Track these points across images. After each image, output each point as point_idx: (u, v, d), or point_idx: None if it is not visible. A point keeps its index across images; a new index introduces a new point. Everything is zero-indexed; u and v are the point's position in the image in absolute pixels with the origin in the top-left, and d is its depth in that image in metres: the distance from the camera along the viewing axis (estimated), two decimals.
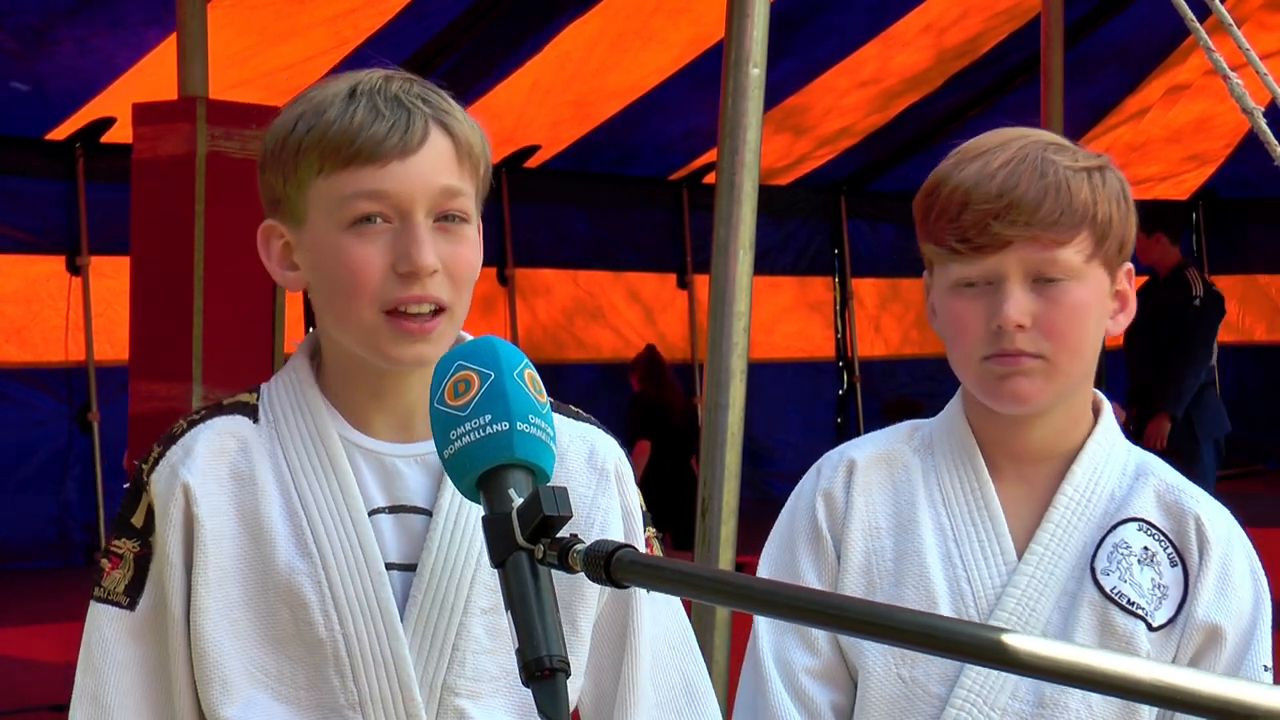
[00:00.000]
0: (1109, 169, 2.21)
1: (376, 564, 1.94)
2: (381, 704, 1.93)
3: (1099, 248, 2.16)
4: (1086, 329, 2.17)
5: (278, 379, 2.05)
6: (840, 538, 2.26)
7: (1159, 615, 2.17)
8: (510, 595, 1.49)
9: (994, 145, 2.19)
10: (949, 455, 2.26)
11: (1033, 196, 2.12)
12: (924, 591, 2.20)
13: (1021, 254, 2.13)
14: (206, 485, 1.98)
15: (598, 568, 1.44)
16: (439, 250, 1.93)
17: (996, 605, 2.18)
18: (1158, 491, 2.22)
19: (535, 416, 1.60)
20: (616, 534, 2.03)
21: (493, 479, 1.58)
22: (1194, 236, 16.92)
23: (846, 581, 2.25)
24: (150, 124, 5.41)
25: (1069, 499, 2.20)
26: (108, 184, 10.06)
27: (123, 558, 2.00)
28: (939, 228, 2.17)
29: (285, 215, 2.00)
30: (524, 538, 1.50)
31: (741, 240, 3.32)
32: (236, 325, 5.34)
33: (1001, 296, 2.13)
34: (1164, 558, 2.19)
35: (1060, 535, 2.19)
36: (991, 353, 2.15)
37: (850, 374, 14.66)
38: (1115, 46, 12.52)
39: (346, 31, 9.61)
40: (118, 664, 1.99)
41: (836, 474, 2.29)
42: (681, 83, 11.38)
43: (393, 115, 1.93)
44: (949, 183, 2.17)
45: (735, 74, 3.35)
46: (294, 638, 1.95)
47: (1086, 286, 2.16)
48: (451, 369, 1.63)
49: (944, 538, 2.22)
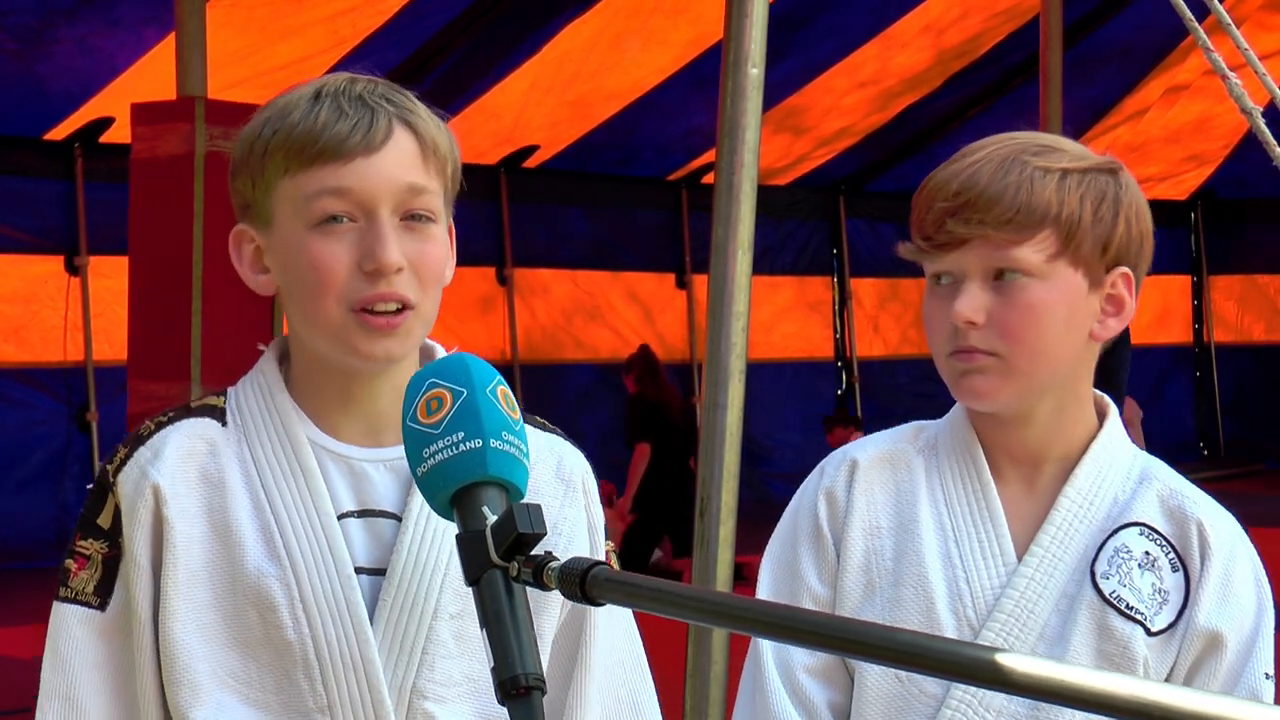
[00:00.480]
0: (1098, 173, 2.20)
1: (345, 567, 1.93)
2: (350, 707, 1.92)
3: (1065, 246, 2.15)
4: (1044, 328, 2.16)
5: (245, 382, 2.05)
6: (841, 537, 2.27)
7: (1159, 620, 2.17)
8: (485, 613, 1.49)
9: (981, 146, 2.20)
10: (952, 456, 2.26)
11: (989, 195, 2.13)
12: (922, 591, 2.20)
13: (979, 251, 2.14)
14: (176, 487, 1.97)
15: (573, 585, 1.43)
16: (405, 248, 1.93)
17: (995, 607, 2.18)
18: (1161, 496, 2.22)
19: (508, 433, 1.60)
20: (582, 546, 2.04)
21: (466, 496, 1.57)
22: (1192, 236, 16.93)
23: (846, 581, 2.25)
24: (149, 124, 5.41)
25: (1071, 502, 2.20)
26: (106, 184, 10.05)
27: (90, 558, 1.99)
28: (914, 225, 2.20)
29: (255, 219, 2.00)
30: (498, 555, 1.50)
31: (740, 240, 3.32)
32: (235, 325, 5.34)
33: (958, 294, 2.15)
34: (1165, 563, 2.19)
35: (1061, 538, 2.19)
36: (954, 349, 2.17)
37: (849, 374, 14.66)
38: (1114, 46, 12.53)
39: (345, 31, 9.61)
40: (90, 664, 1.98)
41: (839, 473, 2.30)
42: (680, 83, 11.38)
43: (356, 114, 1.93)
44: (930, 182, 2.19)
45: (734, 74, 3.35)
46: (262, 641, 1.94)
47: (1049, 286, 2.15)
48: (424, 387, 1.63)
49: (944, 538, 2.23)
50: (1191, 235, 16.93)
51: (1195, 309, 17.11)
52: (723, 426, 3.32)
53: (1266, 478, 15.88)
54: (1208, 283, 17.05)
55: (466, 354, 1.65)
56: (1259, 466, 16.28)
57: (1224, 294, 17.11)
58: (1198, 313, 17.11)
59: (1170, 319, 16.95)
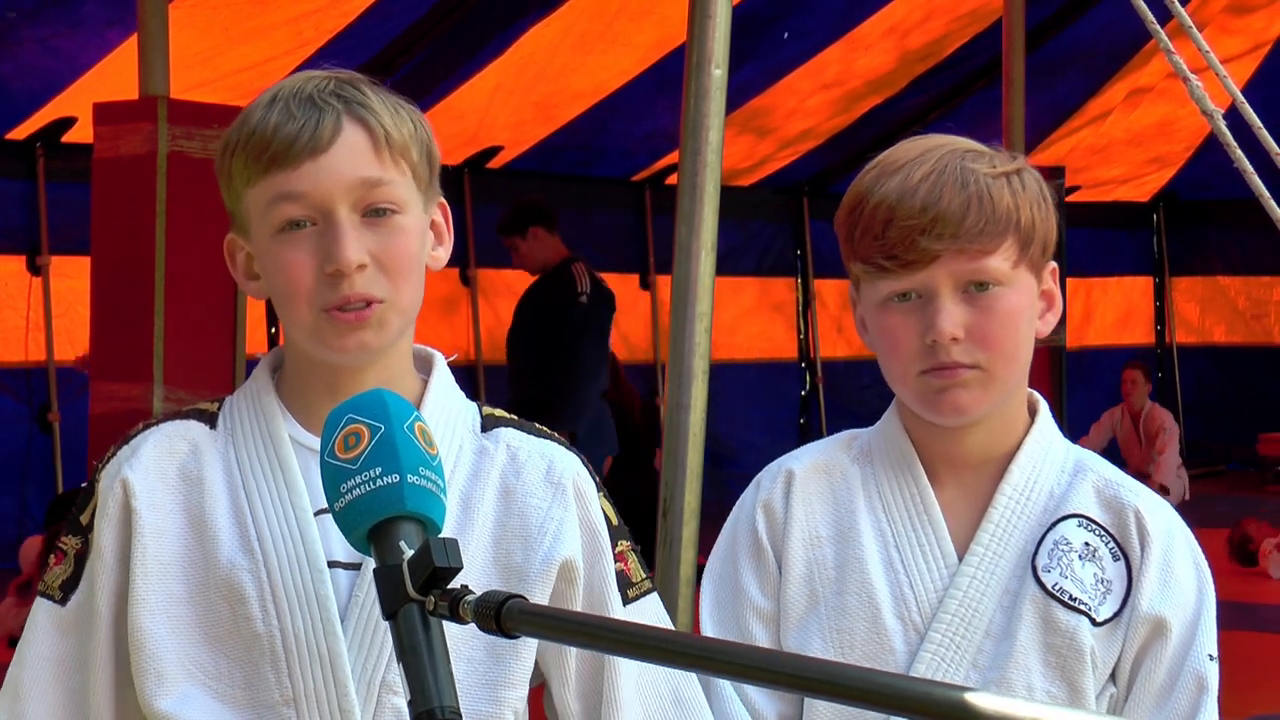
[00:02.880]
0: (1026, 171, 2.22)
1: (318, 561, 1.94)
2: (316, 700, 1.93)
3: (1024, 252, 2.17)
4: (1019, 334, 2.18)
5: (241, 390, 2.09)
6: (781, 549, 2.27)
7: (1103, 610, 2.18)
8: (401, 646, 1.51)
9: (913, 157, 2.18)
10: (887, 464, 2.27)
11: (956, 209, 2.13)
12: (866, 598, 2.21)
13: (950, 267, 2.13)
14: (149, 481, 1.99)
15: (488, 618, 1.45)
16: (367, 244, 1.94)
17: (939, 608, 2.18)
18: (1096, 487, 2.23)
19: (425, 469, 1.62)
20: (571, 548, 2.05)
21: (384, 531, 1.59)
22: (1154, 238, 17.00)
23: (789, 592, 2.26)
24: (111, 123, 5.39)
25: (1008, 499, 2.21)
26: (68, 184, 10.00)
27: (66, 554, 2.03)
28: (865, 245, 2.18)
29: (238, 228, 2.02)
30: (415, 589, 1.51)
31: (703, 241, 3.33)
32: (198, 326, 5.32)
33: (934, 310, 2.14)
34: (1106, 552, 2.20)
35: (1000, 535, 2.20)
36: (928, 366, 2.16)
37: (813, 375, 14.67)
38: (1077, 50, 12.57)
39: (308, 33, 9.58)
40: (39, 656, 2.01)
41: (775, 485, 2.31)
42: (644, 85, 11.38)
43: (303, 115, 1.94)
44: (871, 199, 2.17)
45: (697, 75, 3.35)
46: (232, 634, 1.96)
47: (1017, 291, 2.17)
48: (341, 422, 1.64)
49: (885, 544, 2.23)
50: (1154, 237, 16.99)
51: (1157, 310, 17.18)
52: (686, 427, 3.33)
53: (1228, 479, 15.96)
54: (1169, 284, 17.12)
55: (385, 390, 1.67)
56: (1220, 468, 16.35)
57: (1186, 295, 17.18)
58: (1159, 314, 17.18)
59: (1132, 320, 17.01)
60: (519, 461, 2.06)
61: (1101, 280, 16.45)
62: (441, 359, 2.12)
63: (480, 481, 2.04)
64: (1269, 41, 13.05)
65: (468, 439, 2.07)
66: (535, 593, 2.02)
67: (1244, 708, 7.59)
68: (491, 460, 2.06)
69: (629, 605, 2.08)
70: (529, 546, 2.03)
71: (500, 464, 2.06)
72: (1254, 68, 13.07)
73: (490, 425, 2.09)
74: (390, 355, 2.02)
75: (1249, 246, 15.91)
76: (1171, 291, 17.13)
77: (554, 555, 2.03)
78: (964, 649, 2.18)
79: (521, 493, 2.04)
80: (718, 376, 3.80)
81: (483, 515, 2.03)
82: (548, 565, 2.02)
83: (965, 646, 2.18)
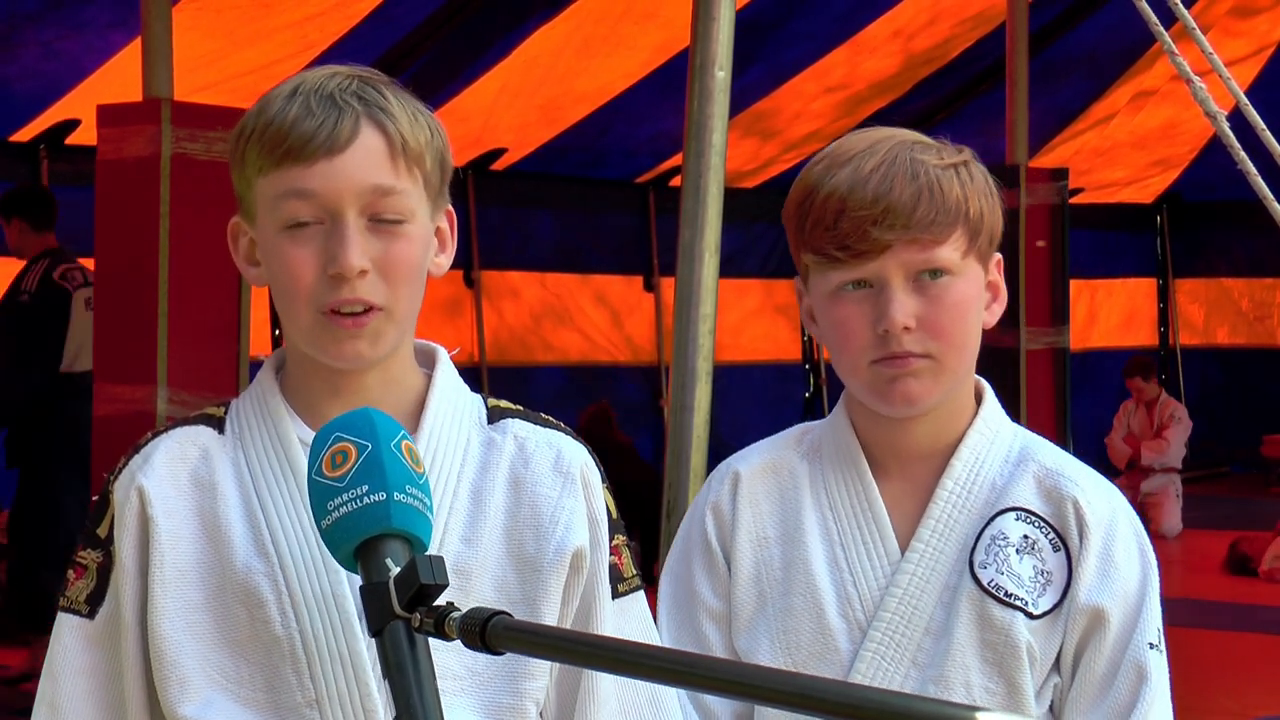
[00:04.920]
0: (973, 163, 2.24)
1: (333, 561, 1.94)
2: (339, 700, 1.93)
3: (973, 243, 2.18)
4: (968, 324, 2.19)
5: (246, 392, 2.09)
6: (729, 550, 2.28)
7: (1042, 603, 2.17)
8: (388, 664, 1.52)
9: (862, 149, 2.19)
10: (834, 459, 2.27)
11: (908, 199, 2.14)
12: (811, 599, 2.21)
13: (901, 256, 2.15)
14: (163, 489, 1.99)
15: (473, 635, 1.47)
16: (371, 250, 1.94)
17: (880, 606, 2.18)
18: (1037, 477, 2.22)
19: (412, 486, 1.63)
20: (580, 538, 2.05)
21: (370, 549, 1.60)
22: (1158, 240, 17.00)
23: (738, 594, 2.26)
24: (115, 126, 5.39)
25: (949, 492, 2.21)
26: (72, 186, 10.00)
27: (86, 568, 2.02)
28: (816, 236, 2.18)
29: (245, 213, 2.02)
30: (401, 606, 1.53)
31: (707, 243, 3.33)
32: (201, 327, 5.32)
33: (885, 300, 2.15)
34: (1045, 544, 2.19)
35: (941, 530, 2.20)
36: (879, 356, 2.16)
37: (816, 376, 14.68)
38: (1081, 53, 12.57)
39: (313, 35, 9.58)
40: (74, 670, 2.01)
41: (723, 487, 2.32)
42: (649, 87, 11.39)
43: (323, 113, 1.93)
44: (822, 190, 2.18)
45: (701, 77, 3.36)
46: (251, 639, 1.95)
47: (966, 281, 2.18)
48: (329, 440, 1.65)
49: (830, 543, 2.23)
50: (1157, 239, 16.99)
51: (1161, 312, 17.18)
52: (690, 429, 3.33)
53: (1231, 481, 15.96)
54: (1173, 286, 17.12)
55: (372, 409, 1.67)
56: (1224, 469, 16.35)
57: (1189, 297, 17.17)
58: (1163, 316, 17.17)
59: (1136, 322, 17.01)
60: (527, 452, 2.06)
61: (1105, 282, 16.44)
62: (445, 353, 2.12)
63: (490, 474, 2.04)
64: (1273, 44, 13.04)
65: (475, 432, 2.07)
66: (550, 582, 2.01)
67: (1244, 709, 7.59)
68: (500, 452, 2.06)
69: (618, 599, 2.09)
70: (541, 536, 2.03)
71: (509, 455, 2.06)
72: (1258, 70, 13.07)
73: (496, 417, 2.10)
74: (392, 356, 2.02)
75: (1253, 248, 15.91)
76: (1175, 293, 17.13)
77: (566, 544, 2.03)
78: (904, 647, 2.18)
79: (531, 482, 2.04)
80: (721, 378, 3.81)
81: (494, 507, 2.03)
82: (560, 555, 2.02)
83: (905, 645, 2.18)
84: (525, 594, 2.01)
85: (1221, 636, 9.02)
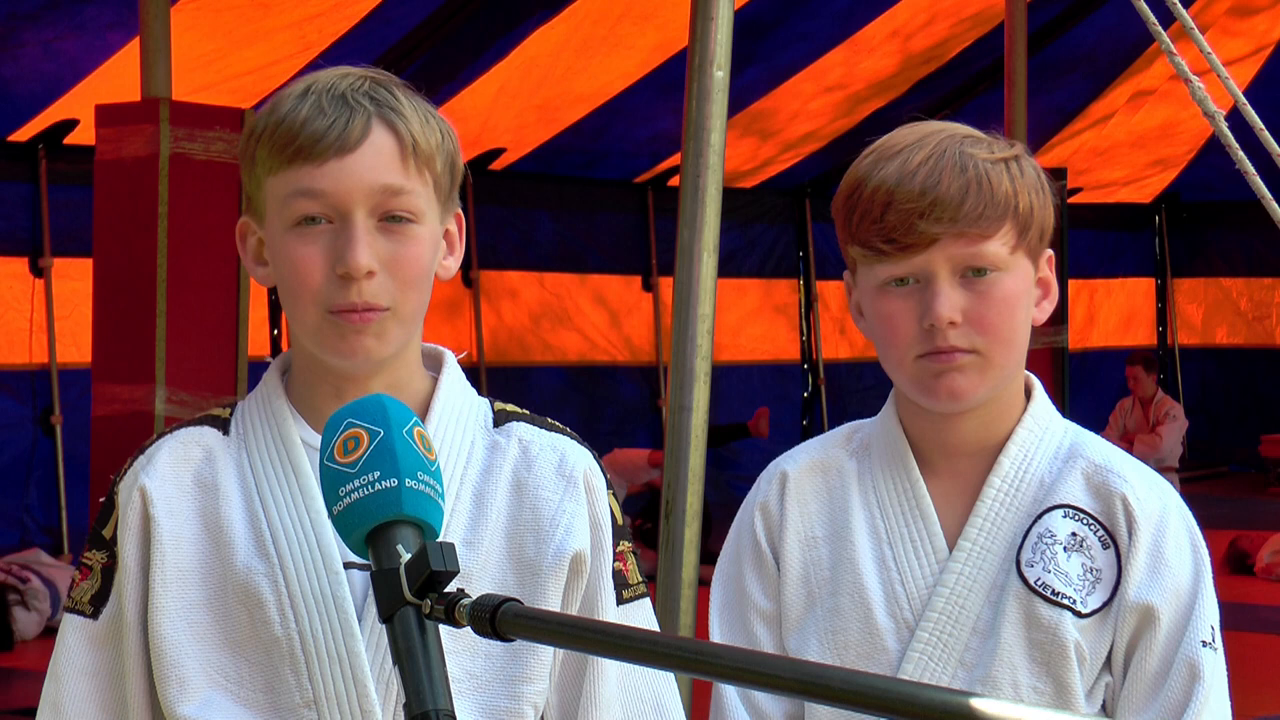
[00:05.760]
0: (1024, 157, 2.21)
1: (334, 563, 1.94)
2: (336, 701, 1.93)
3: (1022, 238, 2.16)
4: (1016, 319, 2.17)
5: (252, 394, 2.09)
6: (778, 550, 2.27)
7: (1091, 601, 2.15)
8: (397, 649, 1.52)
9: (911, 142, 2.18)
10: (883, 457, 2.25)
11: (955, 192, 2.12)
12: (859, 598, 2.20)
13: (948, 250, 2.13)
14: (166, 489, 1.99)
15: (483, 622, 1.47)
16: (380, 251, 1.94)
17: (927, 605, 2.17)
18: (1085, 474, 2.20)
19: (424, 473, 1.62)
20: (582, 541, 2.05)
21: (381, 535, 1.60)
22: (1157, 240, 17.00)
23: (787, 594, 2.25)
24: (113, 125, 5.39)
25: (996, 490, 2.19)
26: (71, 186, 10.01)
27: (91, 569, 2.03)
28: (863, 229, 2.16)
29: (253, 212, 2.02)
30: (411, 593, 1.53)
31: (705, 242, 3.33)
32: (200, 327, 5.32)
33: (932, 294, 2.13)
34: (1094, 541, 2.17)
35: (989, 529, 2.18)
36: (925, 351, 2.15)
37: (815, 376, 14.68)
38: (1080, 52, 12.57)
39: (311, 36, 9.58)
40: (77, 671, 2.01)
41: (771, 487, 2.31)
42: (647, 88, 11.39)
43: (334, 113, 1.93)
44: (870, 183, 2.16)
45: (699, 77, 3.36)
46: (251, 639, 1.96)
47: (1014, 277, 2.16)
48: (341, 426, 1.65)
49: (878, 541, 2.22)
50: (1156, 239, 16.99)
51: (1159, 312, 17.18)
52: (688, 429, 3.33)
53: (1230, 480, 15.95)
54: (1172, 285, 17.12)
55: (384, 395, 1.67)
56: (1223, 469, 16.35)
57: (1188, 297, 17.18)
58: (1161, 315, 17.18)
59: (1135, 322, 17.02)
60: (531, 455, 2.06)
61: (1104, 282, 16.45)
62: (452, 357, 2.12)
63: (493, 476, 2.04)
64: (1271, 44, 13.05)
65: (480, 435, 2.07)
66: (549, 586, 2.01)
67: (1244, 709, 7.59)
68: (504, 455, 2.06)
69: (622, 605, 2.08)
70: (541, 539, 2.03)
71: (512, 458, 2.06)
72: (1256, 70, 13.08)
73: (502, 420, 2.10)
74: (397, 358, 2.02)
75: (1251, 248, 15.92)
76: (1174, 293, 17.14)
77: (566, 548, 2.03)
78: (951, 647, 2.16)
79: (533, 485, 2.04)
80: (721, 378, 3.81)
81: (496, 510, 2.03)
82: (560, 558, 2.02)
83: (953, 645, 2.16)
84: (524, 597, 2.00)
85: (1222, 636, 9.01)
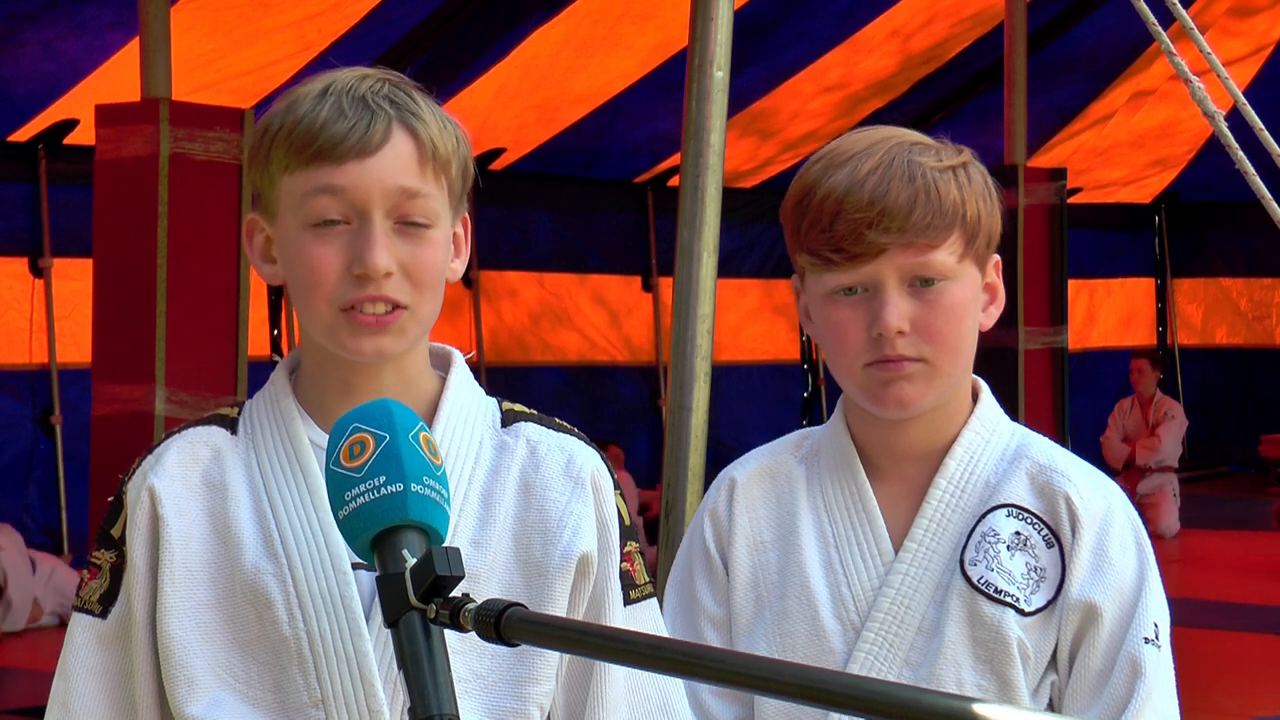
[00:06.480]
0: (972, 164, 2.21)
1: (342, 563, 1.95)
2: (344, 701, 1.94)
3: (969, 246, 2.17)
4: (964, 327, 2.18)
5: (260, 393, 2.09)
6: (727, 556, 2.29)
7: (1035, 599, 2.16)
8: (402, 654, 1.52)
9: (860, 150, 2.18)
10: (831, 462, 2.27)
11: (904, 202, 2.12)
12: (806, 601, 2.21)
13: (897, 260, 2.13)
14: (174, 488, 2.00)
15: (488, 627, 1.47)
16: (397, 252, 1.95)
17: (873, 606, 2.18)
18: (1030, 474, 2.21)
19: (429, 478, 1.62)
20: (589, 542, 2.05)
21: (386, 540, 1.60)
22: (1156, 240, 17.00)
23: (736, 599, 2.27)
24: (113, 125, 5.40)
25: (942, 492, 2.20)
26: (71, 186, 10.01)
27: (100, 568, 2.04)
28: (812, 237, 2.17)
29: (264, 210, 2.02)
30: (417, 598, 1.53)
31: (705, 242, 3.33)
32: (200, 327, 5.32)
33: (880, 303, 2.14)
34: (1038, 540, 2.18)
35: (934, 530, 2.19)
36: (873, 359, 2.16)
37: (815, 376, 14.68)
38: (1079, 53, 12.57)
39: (311, 35, 9.59)
40: (86, 670, 2.02)
41: (720, 494, 2.33)
42: (647, 88, 11.39)
43: (355, 115, 1.94)
44: (819, 191, 2.17)
45: (699, 77, 3.36)
46: (259, 639, 1.96)
47: (962, 285, 2.17)
48: (347, 431, 1.65)
49: (825, 545, 2.23)
50: (1155, 239, 17.00)
51: (1159, 312, 17.19)
52: (688, 429, 3.33)
53: (1230, 480, 15.96)
54: (1171, 286, 17.13)
55: (390, 400, 1.67)
56: (1223, 469, 16.36)
57: (1187, 297, 17.19)
58: (1161, 316, 17.18)
59: (1134, 322, 17.02)
60: (539, 456, 2.07)
61: (1104, 282, 16.45)
62: (460, 356, 2.12)
63: (501, 477, 2.05)
64: (1271, 44, 13.05)
65: (488, 435, 2.07)
66: (556, 587, 2.02)
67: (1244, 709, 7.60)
68: (512, 455, 2.06)
69: (629, 606, 2.09)
70: (548, 541, 2.03)
71: (520, 459, 2.06)
72: (1256, 70, 13.08)
73: (510, 420, 2.10)
74: (406, 356, 2.03)
75: (1251, 248, 15.92)
76: (1173, 293, 17.14)
77: (572, 549, 2.03)
78: (897, 647, 2.17)
79: (541, 486, 2.05)
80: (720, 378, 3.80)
81: (504, 511, 2.03)
82: (566, 559, 2.03)
83: (898, 644, 2.17)
84: (531, 598, 2.01)
85: (1221, 636, 9.03)
